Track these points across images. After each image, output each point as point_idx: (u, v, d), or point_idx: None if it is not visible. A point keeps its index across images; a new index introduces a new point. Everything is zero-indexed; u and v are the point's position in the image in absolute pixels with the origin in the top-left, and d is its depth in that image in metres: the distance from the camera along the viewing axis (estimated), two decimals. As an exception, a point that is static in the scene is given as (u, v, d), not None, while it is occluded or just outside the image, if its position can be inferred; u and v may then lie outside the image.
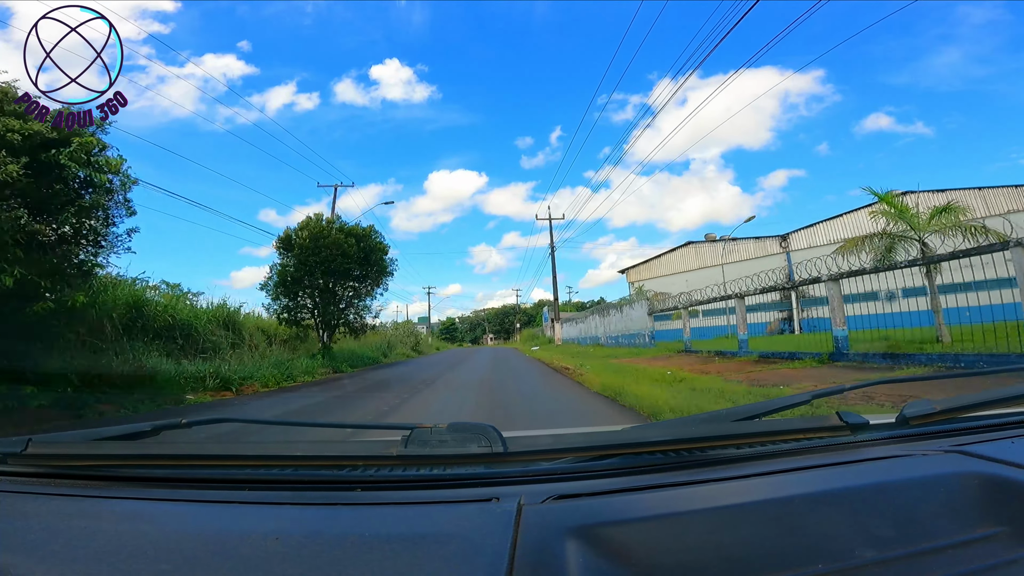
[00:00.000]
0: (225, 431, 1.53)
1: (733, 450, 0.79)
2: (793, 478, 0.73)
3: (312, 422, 1.29)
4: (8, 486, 0.77)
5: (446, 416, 6.02)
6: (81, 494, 0.74)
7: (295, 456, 0.77)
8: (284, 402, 8.47)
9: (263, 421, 1.19)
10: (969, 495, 0.66)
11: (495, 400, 7.83)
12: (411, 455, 0.73)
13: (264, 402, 8.56)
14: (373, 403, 7.86)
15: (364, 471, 0.75)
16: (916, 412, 0.84)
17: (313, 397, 9.11)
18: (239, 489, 0.74)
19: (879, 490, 0.68)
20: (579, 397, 7.60)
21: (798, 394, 0.96)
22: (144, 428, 0.89)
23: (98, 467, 0.79)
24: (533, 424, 5.50)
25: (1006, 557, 0.54)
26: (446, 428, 0.76)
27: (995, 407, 0.91)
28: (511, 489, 0.68)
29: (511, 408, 6.96)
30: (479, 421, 0.79)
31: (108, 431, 0.91)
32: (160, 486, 0.75)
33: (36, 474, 0.79)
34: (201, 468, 0.78)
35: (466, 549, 0.55)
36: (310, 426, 1.71)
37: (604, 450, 0.78)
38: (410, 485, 0.73)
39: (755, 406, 0.92)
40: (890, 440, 0.84)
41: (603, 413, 5.90)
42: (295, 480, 0.75)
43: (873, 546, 0.55)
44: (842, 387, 1.11)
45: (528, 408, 7.01)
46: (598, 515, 0.62)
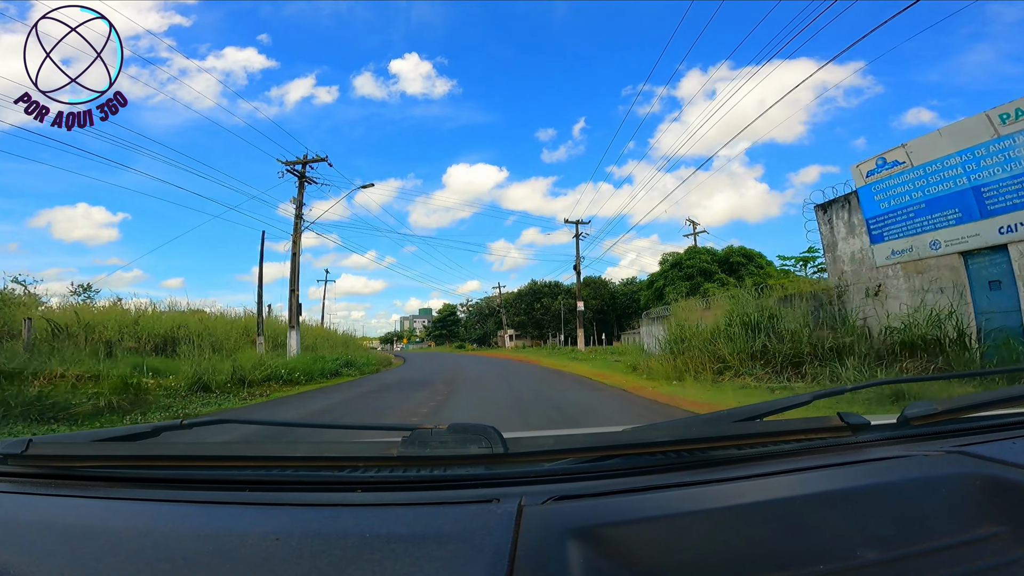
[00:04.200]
0: (225, 432, 1.53)
1: (734, 451, 0.79)
2: (795, 479, 0.73)
3: (312, 423, 1.29)
4: (8, 487, 0.77)
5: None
6: (81, 495, 0.74)
7: (295, 457, 0.77)
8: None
9: (263, 422, 1.19)
10: (970, 496, 0.66)
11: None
12: (411, 456, 0.73)
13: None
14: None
15: (364, 472, 0.75)
16: (917, 413, 0.84)
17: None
18: (239, 490, 0.74)
19: (880, 491, 0.68)
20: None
21: (799, 395, 0.96)
22: (144, 429, 0.89)
23: (98, 468, 0.79)
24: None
25: (1007, 558, 0.54)
26: (446, 429, 0.76)
27: (996, 407, 0.91)
28: (512, 490, 0.68)
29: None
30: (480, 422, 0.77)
31: (108, 432, 0.91)
32: (160, 487, 0.75)
33: (36, 475, 0.79)
34: (201, 469, 0.78)
35: (467, 550, 0.55)
36: (310, 427, 1.71)
37: (605, 451, 0.78)
38: (410, 486, 0.73)
39: (756, 406, 0.92)
40: (891, 441, 0.84)
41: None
42: (295, 481, 0.75)
43: (874, 546, 0.55)
44: (843, 388, 1.12)
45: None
46: (599, 516, 0.62)
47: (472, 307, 69.20)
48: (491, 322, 61.85)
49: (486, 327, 62.79)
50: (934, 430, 0.86)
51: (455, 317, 72.15)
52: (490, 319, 62.31)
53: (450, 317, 72.35)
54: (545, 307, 51.32)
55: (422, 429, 0.77)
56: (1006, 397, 0.89)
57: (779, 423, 0.87)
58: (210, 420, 0.96)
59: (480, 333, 63.49)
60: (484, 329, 63.20)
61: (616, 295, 48.57)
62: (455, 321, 71.70)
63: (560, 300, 49.70)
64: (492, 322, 61.37)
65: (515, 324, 54.42)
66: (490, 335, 61.85)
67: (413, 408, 7.91)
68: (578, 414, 7.09)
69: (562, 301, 49.06)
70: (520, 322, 53.80)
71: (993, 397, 0.88)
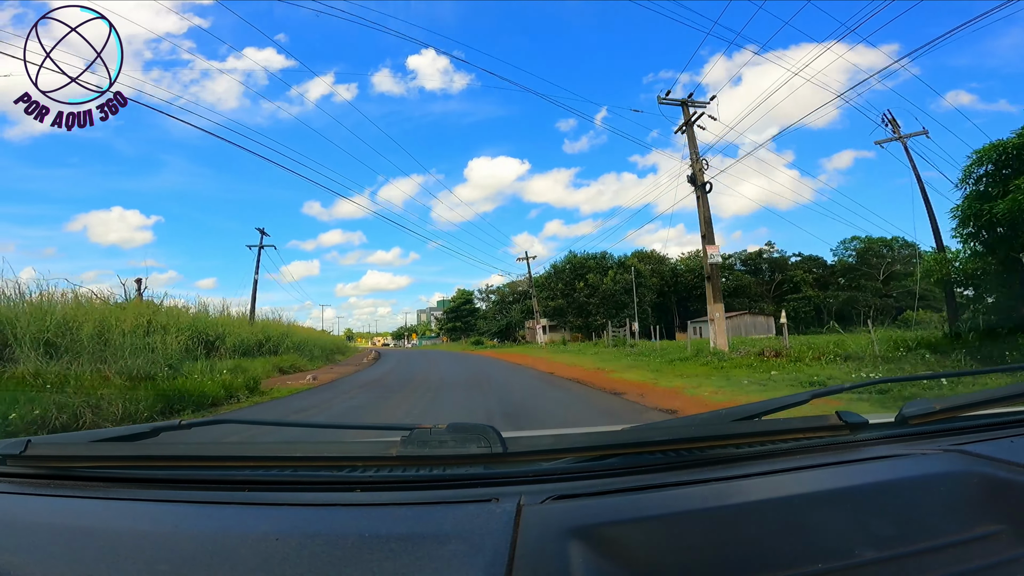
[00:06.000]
0: (224, 432, 1.53)
1: (733, 450, 0.79)
2: (793, 478, 0.73)
3: (311, 423, 1.29)
4: (8, 487, 0.77)
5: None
6: (81, 495, 0.74)
7: (294, 457, 0.77)
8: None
9: (262, 422, 1.19)
10: (968, 494, 0.67)
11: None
12: (410, 455, 0.73)
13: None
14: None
15: (363, 471, 0.75)
16: (915, 411, 0.84)
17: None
18: (238, 490, 0.74)
19: (879, 489, 0.68)
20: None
21: (797, 394, 0.96)
22: (143, 429, 0.89)
23: (97, 468, 0.79)
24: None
25: (1005, 556, 0.54)
26: (446, 428, 0.76)
27: (994, 406, 0.92)
28: (511, 489, 0.68)
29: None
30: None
31: (107, 432, 0.91)
32: (159, 487, 0.75)
33: (36, 475, 0.79)
34: (200, 469, 0.78)
35: (466, 549, 0.55)
36: (309, 427, 1.71)
37: (604, 450, 0.78)
38: (409, 485, 0.73)
39: (754, 405, 0.92)
40: (889, 439, 0.84)
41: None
42: (294, 481, 0.75)
43: (873, 545, 0.55)
44: (841, 387, 1.12)
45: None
46: (598, 515, 0.62)
47: (492, 293, 54.84)
48: (516, 310, 46.54)
49: (509, 316, 47.53)
50: (932, 429, 0.86)
51: (471, 306, 57.58)
52: (515, 306, 47.26)
53: (465, 306, 57.38)
54: (592, 287, 36.31)
55: (421, 429, 0.77)
56: (1004, 396, 0.89)
57: (777, 422, 0.87)
58: (208, 421, 0.96)
59: (502, 324, 47.91)
60: (507, 319, 47.73)
61: (678, 273, 40.30)
62: (471, 311, 57.09)
63: (614, 276, 36.10)
64: (518, 310, 46.18)
65: (549, 312, 38.06)
66: (514, 327, 46.71)
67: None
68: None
69: (617, 277, 35.95)
70: (556, 308, 37.86)
71: (991, 396, 0.88)
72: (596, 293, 36.27)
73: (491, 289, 55.45)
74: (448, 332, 61.34)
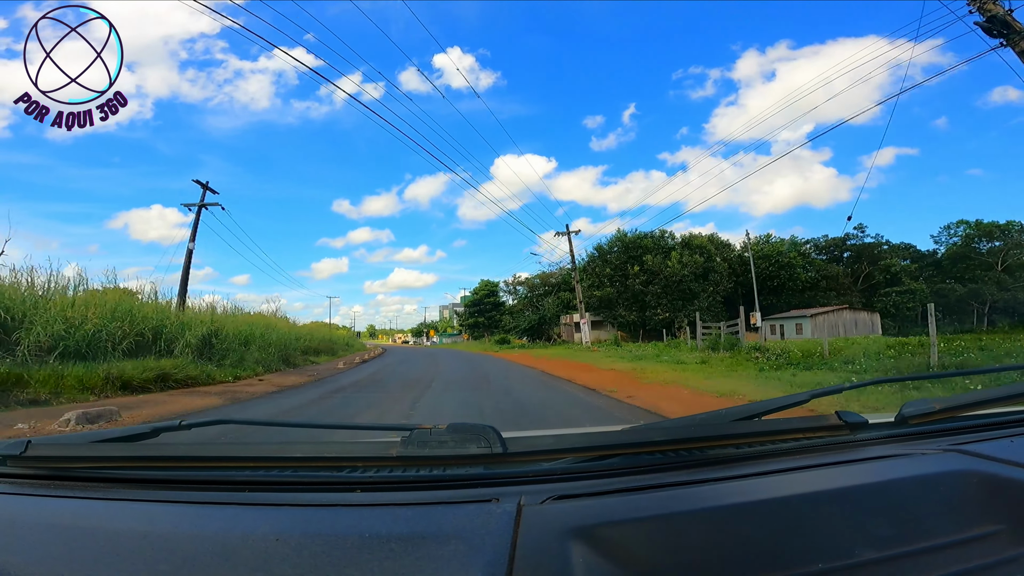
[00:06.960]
0: (224, 432, 1.54)
1: (732, 450, 0.80)
2: (792, 478, 0.73)
3: (311, 423, 1.29)
4: (8, 488, 0.77)
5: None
6: (81, 496, 0.74)
7: (294, 457, 0.77)
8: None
9: (262, 422, 1.19)
10: (968, 494, 0.67)
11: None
12: (411, 456, 0.73)
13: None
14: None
15: (364, 472, 0.75)
16: (915, 411, 0.84)
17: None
18: (239, 491, 0.74)
19: (878, 489, 0.68)
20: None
21: (797, 393, 0.97)
22: (144, 430, 0.89)
23: (97, 469, 0.79)
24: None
25: (1005, 556, 0.54)
26: (446, 429, 0.76)
27: (994, 406, 0.92)
28: (511, 489, 0.68)
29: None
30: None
31: (107, 433, 0.91)
32: (160, 488, 0.75)
33: (35, 476, 0.79)
34: (201, 470, 0.78)
35: (466, 549, 0.55)
36: (309, 427, 1.72)
37: (604, 450, 0.78)
38: (410, 486, 0.73)
39: (754, 405, 0.92)
40: (889, 439, 0.84)
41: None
42: (295, 481, 0.75)
43: (872, 545, 0.55)
44: (841, 386, 1.12)
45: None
46: (598, 515, 0.62)
47: (521, 285, 46.73)
48: (550, 303, 38.42)
49: (542, 310, 39.40)
50: (932, 428, 0.86)
51: (496, 299, 49.38)
52: (547, 299, 39.26)
53: (489, 299, 49.13)
54: (650, 271, 28.55)
55: (421, 429, 0.77)
56: (1004, 395, 0.89)
57: (777, 422, 0.88)
58: (209, 421, 0.96)
59: (533, 320, 39.61)
60: (539, 314, 39.37)
61: (745, 261, 30.61)
62: (496, 305, 48.78)
63: (679, 257, 28.65)
64: (552, 303, 37.99)
65: (594, 304, 29.82)
66: (548, 323, 38.64)
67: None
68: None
69: (684, 259, 28.39)
70: (604, 299, 29.79)
71: (991, 395, 0.88)
72: (656, 279, 28.70)
73: (519, 281, 47.32)
74: (469, 329, 53.56)
